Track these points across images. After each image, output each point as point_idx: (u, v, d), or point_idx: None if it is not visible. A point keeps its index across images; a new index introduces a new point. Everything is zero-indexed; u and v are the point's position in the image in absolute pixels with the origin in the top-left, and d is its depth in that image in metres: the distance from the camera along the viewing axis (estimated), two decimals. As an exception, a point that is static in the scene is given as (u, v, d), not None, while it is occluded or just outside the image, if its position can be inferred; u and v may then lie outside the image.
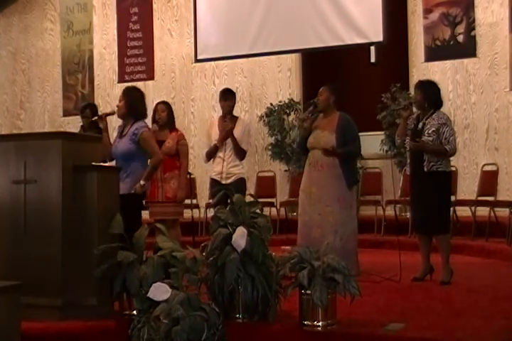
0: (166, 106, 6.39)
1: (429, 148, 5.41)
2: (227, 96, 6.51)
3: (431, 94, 5.58)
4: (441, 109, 5.69)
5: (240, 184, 6.20)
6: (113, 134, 5.57)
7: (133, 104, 5.25)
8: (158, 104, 6.49)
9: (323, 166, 5.73)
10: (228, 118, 6.39)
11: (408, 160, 5.71)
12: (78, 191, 4.33)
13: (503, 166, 8.66)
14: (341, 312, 4.02)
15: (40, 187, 4.32)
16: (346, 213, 5.72)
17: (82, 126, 7.33)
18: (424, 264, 5.59)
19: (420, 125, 5.53)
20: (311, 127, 5.89)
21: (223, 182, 6.29)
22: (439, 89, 5.67)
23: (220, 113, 6.65)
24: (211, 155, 6.46)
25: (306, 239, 5.65)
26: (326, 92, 5.89)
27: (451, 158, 5.67)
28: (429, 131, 5.44)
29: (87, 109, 7.27)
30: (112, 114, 5.66)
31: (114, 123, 6.77)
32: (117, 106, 5.35)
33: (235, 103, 6.58)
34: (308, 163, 5.86)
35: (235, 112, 6.70)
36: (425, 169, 5.41)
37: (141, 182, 5.08)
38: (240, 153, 6.34)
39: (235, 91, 6.83)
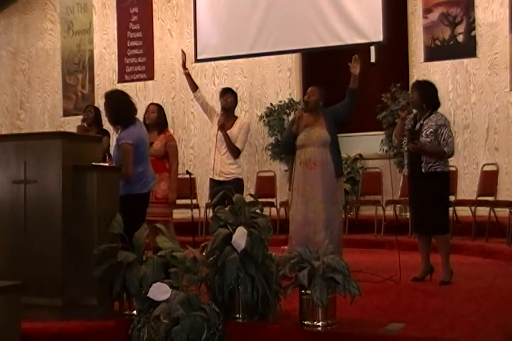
0: (157, 108, 6.45)
1: (428, 150, 5.41)
2: (222, 94, 6.59)
3: (428, 94, 5.57)
4: (441, 109, 5.69)
5: (237, 184, 6.20)
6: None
7: (112, 112, 5.18)
8: (150, 104, 6.64)
9: (316, 163, 5.73)
10: (222, 114, 6.45)
11: (406, 161, 5.72)
12: (78, 191, 4.33)
13: (503, 166, 8.66)
14: (341, 312, 4.02)
15: (40, 187, 4.33)
16: (336, 209, 5.76)
17: (83, 120, 7.38)
18: (423, 264, 5.59)
19: (418, 125, 5.53)
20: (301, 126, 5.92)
21: (216, 178, 6.35)
22: (436, 90, 5.66)
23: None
24: (189, 85, 6.82)
25: (299, 237, 5.66)
26: (317, 93, 5.92)
27: (450, 158, 5.67)
28: (427, 132, 5.44)
29: (91, 107, 7.44)
30: None
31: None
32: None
33: (233, 100, 6.57)
34: (299, 162, 5.83)
35: (235, 112, 6.72)
36: (423, 170, 5.41)
37: None
38: (233, 151, 6.40)
39: (235, 91, 6.83)
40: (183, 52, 6.93)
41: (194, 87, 6.76)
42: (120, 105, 5.17)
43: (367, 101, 9.46)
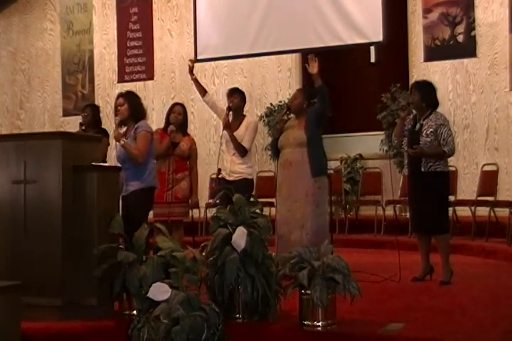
0: (182, 109, 6.47)
1: (427, 153, 5.41)
2: (229, 95, 6.57)
3: (428, 94, 5.58)
4: (441, 109, 5.70)
5: (244, 184, 6.18)
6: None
7: (135, 107, 5.29)
8: (175, 105, 6.60)
9: (292, 164, 5.75)
10: (229, 114, 6.45)
11: (406, 161, 5.72)
12: (78, 191, 4.33)
13: (503, 166, 8.66)
14: (341, 312, 4.02)
15: (40, 187, 4.33)
16: (311, 209, 5.67)
17: (81, 124, 7.35)
18: (423, 264, 5.59)
19: (418, 126, 5.54)
20: (282, 128, 5.93)
21: (227, 177, 6.36)
22: (435, 90, 5.68)
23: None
24: (198, 90, 6.84)
25: (279, 237, 5.69)
26: (300, 96, 5.94)
27: (450, 158, 5.67)
28: (427, 132, 5.45)
29: (88, 108, 7.38)
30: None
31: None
32: (119, 111, 5.38)
33: (241, 100, 6.54)
34: (279, 163, 5.92)
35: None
36: (422, 169, 5.42)
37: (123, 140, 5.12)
38: (240, 150, 6.37)
39: (242, 90, 6.80)
40: (191, 61, 6.97)
41: (203, 92, 6.74)
42: (140, 103, 5.38)
43: (367, 101, 9.50)
